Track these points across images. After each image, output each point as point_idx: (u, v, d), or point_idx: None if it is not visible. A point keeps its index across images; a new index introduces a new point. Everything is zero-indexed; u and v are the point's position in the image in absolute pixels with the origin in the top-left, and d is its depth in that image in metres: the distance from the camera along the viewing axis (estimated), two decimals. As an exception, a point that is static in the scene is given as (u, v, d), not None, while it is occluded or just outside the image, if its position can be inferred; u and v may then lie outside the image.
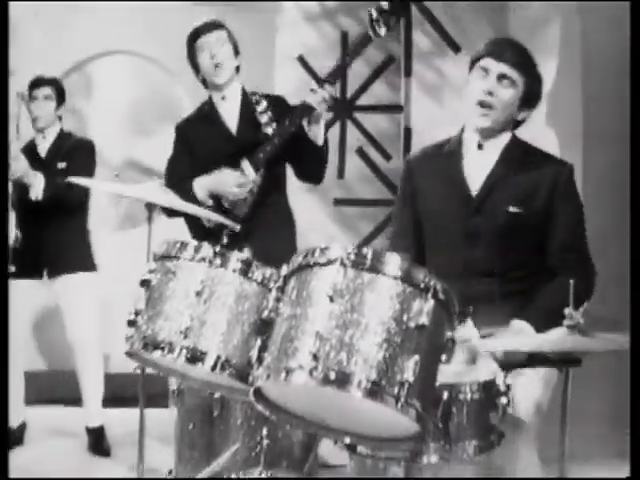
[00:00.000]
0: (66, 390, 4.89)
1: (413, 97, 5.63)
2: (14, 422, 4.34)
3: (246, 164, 3.42)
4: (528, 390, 2.44)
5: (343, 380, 1.79)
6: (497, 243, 2.63)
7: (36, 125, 4.43)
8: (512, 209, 2.62)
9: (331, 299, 1.85)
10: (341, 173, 5.67)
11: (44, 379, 5.24)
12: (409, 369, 1.81)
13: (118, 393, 4.56)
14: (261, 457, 2.31)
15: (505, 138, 2.70)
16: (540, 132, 5.06)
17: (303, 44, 5.96)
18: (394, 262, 1.88)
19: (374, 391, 1.79)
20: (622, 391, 2.71)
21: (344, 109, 5.72)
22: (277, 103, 3.65)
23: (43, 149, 4.44)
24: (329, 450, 2.74)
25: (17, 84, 5.54)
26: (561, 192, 2.64)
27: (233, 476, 2.27)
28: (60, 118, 4.50)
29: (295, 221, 3.68)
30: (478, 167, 2.70)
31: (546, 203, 2.63)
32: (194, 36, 3.62)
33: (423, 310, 1.85)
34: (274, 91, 4.79)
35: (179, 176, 3.50)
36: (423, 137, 4.84)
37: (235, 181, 3.41)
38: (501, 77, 2.62)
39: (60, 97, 4.48)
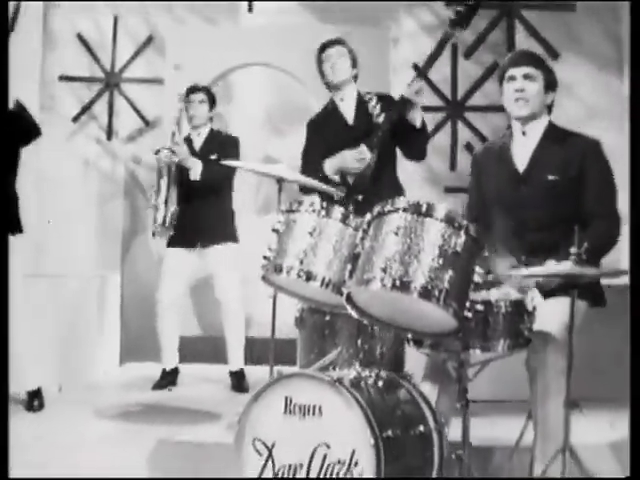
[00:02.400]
0: (213, 352, 6.15)
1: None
2: (168, 366, 5.61)
3: (363, 147, 4.53)
4: (558, 312, 3.36)
5: (404, 286, 2.87)
6: (541, 205, 3.59)
7: (192, 123, 5.67)
8: (550, 177, 3.59)
9: (396, 234, 2.95)
10: (453, 166, 6.75)
11: (194, 343, 6.41)
12: (445, 280, 2.89)
13: (255, 355, 5.72)
14: (358, 359, 3.43)
15: (543, 124, 3.68)
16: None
17: (419, 52, 6.95)
18: (440, 209, 2.97)
19: (424, 294, 2.87)
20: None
21: (455, 110, 6.76)
22: (385, 99, 4.72)
23: (197, 144, 5.64)
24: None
25: (167, 94, 6.81)
26: (589, 161, 3.58)
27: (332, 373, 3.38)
28: (211, 119, 5.72)
29: (404, 191, 4.66)
30: (523, 149, 3.70)
31: (578, 171, 3.57)
32: (321, 49, 4.77)
33: (457, 242, 2.93)
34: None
35: (312, 161, 4.63)
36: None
37: (355, 158, 4.51)
38: (525, 77, 3.62)
39: (212, 102, 5.68)
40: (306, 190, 4.52)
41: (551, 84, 3.70)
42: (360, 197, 4.43)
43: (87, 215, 7.11)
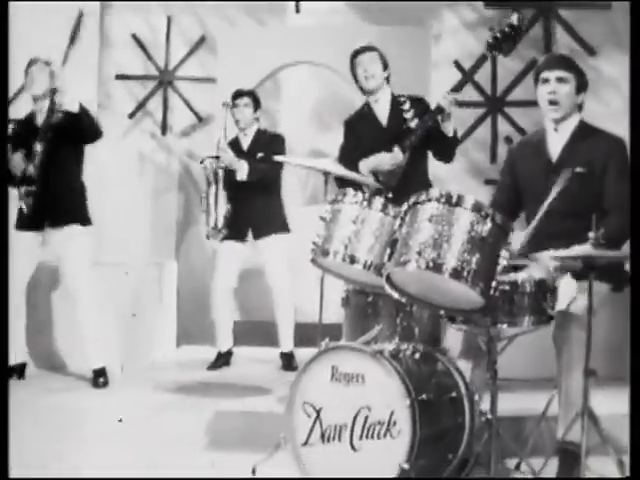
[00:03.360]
0: (264, 336, 6.61)
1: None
2: (223, 348, 6.10)
3: (397, 149, 4.97)
4: (582, 293, 3.71)
5: (436, 267, 3.33)
6: (568, 194, 3.95)
7: (238, 125, 6.11)
8: (578, 169, 3.97)
9: (429, 221, 3.41)
10: (493, 158, 7.17)
11: (247, 327, 6.93)
12: (473, 262, 3.34)
13: (304, 338, 6.16)
14: (397, 335, 3.89)
15: (574, 122, 4.11)
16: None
17: (461, 48, 7.35)
18: (469, 200, 3.42)
19: (455, 274, 3.32)
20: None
21: (495, 104, 7.17)
22: (418, 102, 5.13)
23: (245, 144, 6.09)
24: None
25: (220, 92, 7.25)
26: (612, 158, 4.01)
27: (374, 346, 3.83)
28: (257, 119, 6.16)
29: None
30: (556, 143, 4.13)
31: (601, 166, 4.00)
32: (354, 55, 5.20)
33: (484, 229, 3.38)
34: (430, 92, 6.29)
35: (348, 158, 5.04)
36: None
37: (390, 161, 4.96)
38: (558, 80, 4.04)
39: (256, 104, 6.12)
40: (342, 183, 4.81)
41: (582, 85, 4.12)
42: (390, 194, 4.83)
43: (143, 207, 7.65)
